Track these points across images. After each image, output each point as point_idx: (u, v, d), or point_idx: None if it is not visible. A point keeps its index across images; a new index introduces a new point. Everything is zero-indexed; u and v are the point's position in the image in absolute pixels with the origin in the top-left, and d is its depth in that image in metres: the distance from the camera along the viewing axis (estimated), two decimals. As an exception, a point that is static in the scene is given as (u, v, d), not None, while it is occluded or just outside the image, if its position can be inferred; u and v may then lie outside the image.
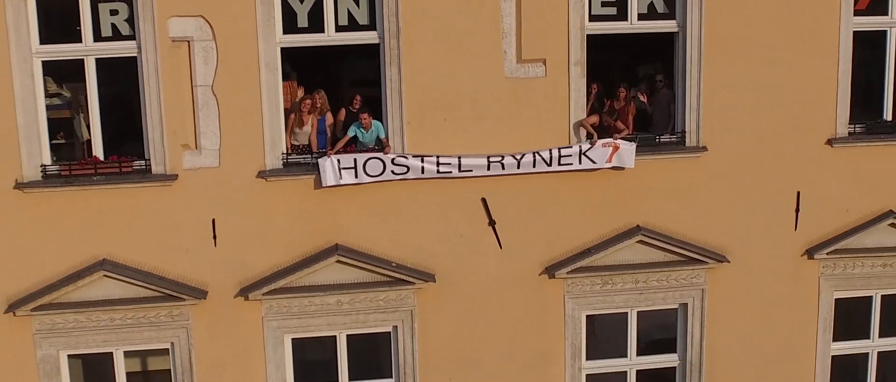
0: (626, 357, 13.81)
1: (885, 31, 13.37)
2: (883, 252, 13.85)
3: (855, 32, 13.14)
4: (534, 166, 12.52)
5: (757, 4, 12.71)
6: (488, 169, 12.49)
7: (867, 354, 14.50)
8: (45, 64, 12.06)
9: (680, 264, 13.31)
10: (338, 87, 14.44)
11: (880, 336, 14.39)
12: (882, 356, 14.55)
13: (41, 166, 12.15)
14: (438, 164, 12.39)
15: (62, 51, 12.04)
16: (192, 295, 12.44)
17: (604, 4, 12.68)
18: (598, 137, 12.55)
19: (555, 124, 12.63)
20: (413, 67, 12.17)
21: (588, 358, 13.63)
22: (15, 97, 11.83)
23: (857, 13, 13.16)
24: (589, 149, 12.59)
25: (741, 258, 13.41)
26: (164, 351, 12.76)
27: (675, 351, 13.88)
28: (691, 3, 12.58)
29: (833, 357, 14.27)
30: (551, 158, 12.57)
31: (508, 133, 12.55)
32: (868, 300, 14.23)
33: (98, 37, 12.03)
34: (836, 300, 14.02)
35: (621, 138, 12.73)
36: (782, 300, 13.74)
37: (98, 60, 12.09)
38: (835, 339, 14.19)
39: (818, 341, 14.08)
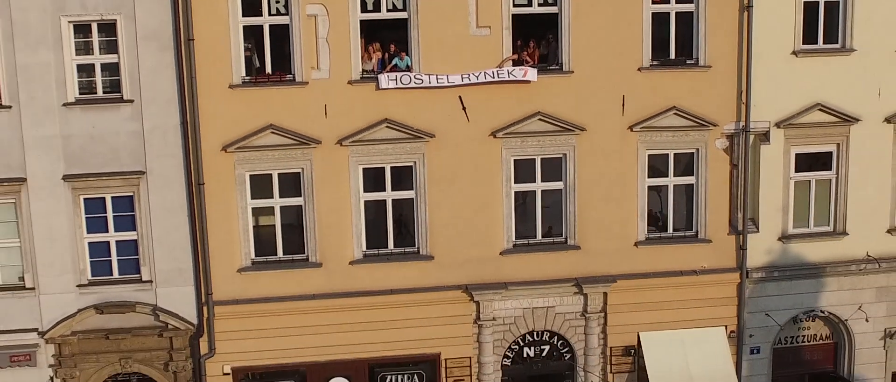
0: (535, 182, 26.38)
1: (668, 12, 25.96)
2: (673, 129, 26.33)
3: (653, 13, 25.78)
4: (485, 78, 25.07)
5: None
6: (461, 80, 25.07)
7: (667, 186, 27.01)
8: (244, 27, 24.75)
9: (560, 132, 25.73)
10: (387, 39, 26.51)
11: (675, 175, 26.87)
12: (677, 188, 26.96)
13: (241, 77, 24.84)
14: (437, 78, 25.03)
15: (251, 21, 24.59)
16: (313, 142, 25.09)
17: (520, -2, 25.24)
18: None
19: (495, 59, 25.04)
20: (423, 30, 24.50)
21: (515, 182, 26.27)
22: (231, 44, 24.51)
23: (654, 3, 25.73)
24: (512, 70, 25.17)
25: (593, 130, 25.81)
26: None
27: (561, 179, 26.33)
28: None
29: (648, 187, 26.83)
30: (495, 74, 25.05)
31: (471, 64, 24.98)
32: (666, 155, 26.58)
33: (269, 13, 24.72)
34: (648, 154, 26.48)
35: (529, 66, 25.33)
36: (617, 153, 26.15)
37: (270, 26, 24.78)
38: (648, 177, 26.75)
39: (638, 177, 26.45)
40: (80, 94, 24.51)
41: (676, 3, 25.52)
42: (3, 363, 25.12)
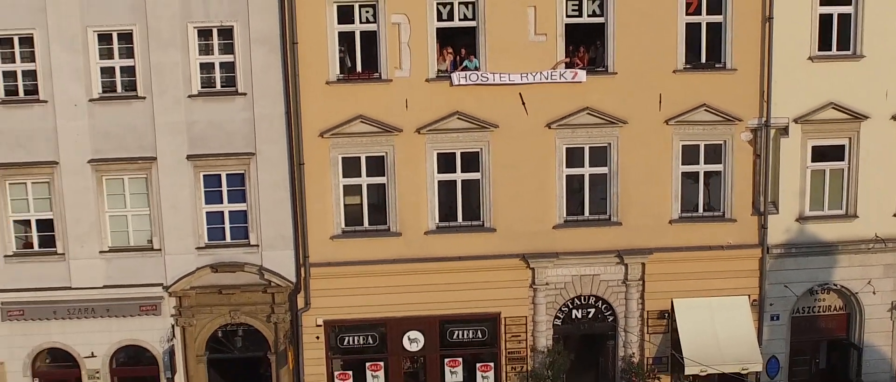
0: (584, 166, 30.69)
1: (700, 22, 30.21)
2: (703, 123, 30.44)
3: (686, 23, 30.04)
4: (541, 78, 29.45)
5: (638, 8, 29.56)
6: (521, 79, 29.48)
7: (698, 172, 30.94)
8: (339, 33, 29.37)
9: (606, 125, 29.87)
10: (459, 43, 30.37)
11: (705, 163, 30.62)
12: (706, 174, 30.85)
13: (336, 75, 29.54)
14: (501, 77, 29.52)
15: (345, 28, 29.19)
16: (395, 131, 29.62)
17: (572, 9, 29.60)
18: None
19: (550, 62, 29.27)
20: (490, 36, 28.72)
21: (567, 167, 30.62)
22: (328, 47, 29.12)
23: (688, 14, 29.99)
24: (564, 71, 29.60)
25: (634, 123, 29.94)
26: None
27: (606, 165, 30.39)
28: (609, 8, 29.38)
29: (682, 173, 30.77)
30: (550, 75, 29.49)
31: (530, 65, 29.19)
32: (697, 146, 30.25)
33: (360, 21, 29.36)
34: (681, 144, 30.46)
35: (579, 68, 29.69)
36: (654, 143, 30.14)
37: (361, 32, 29.39)
38: (682, 164, 30.80)
39: (673, 164, 30.45)
40: (202, 88, 29.12)
41: (707, 14, 29.43)
42: (134, 311, 29.84)
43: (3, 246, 29.67)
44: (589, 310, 31.06)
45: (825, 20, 29.56)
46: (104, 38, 28.81)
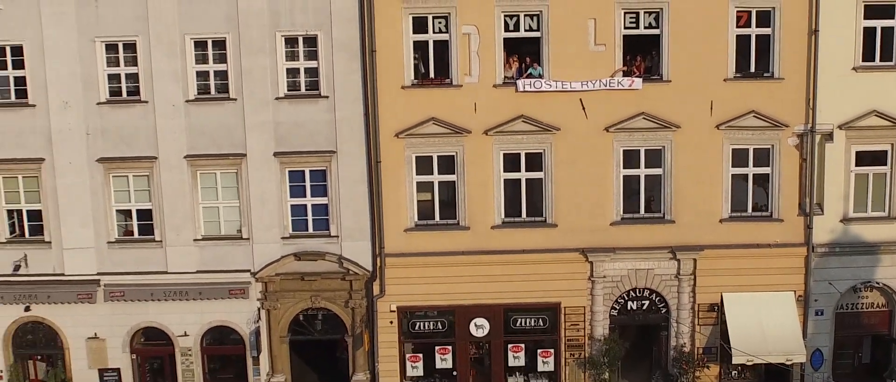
0: (639, 168, 32.72)
1: (749, 35, 32.28)
2: (752, 128, 32.16)
3: (736, 35, 32.15)
4: (600, 85, 31.67)
5: (691, 21, 31.74)
6: (581, 86, 31.61)
7: (747, 175, 32.84)
8: (414, 42, 31.81)
9: (660, 129, 31.81)
10: (524, 52, 32.64)
11: (754, 166, 32.45)
12: (755, 176, 32.73)
13: (411, 80, 32.05)
14: (562, 84, 31.85)
15: (420, 37, 31.39)
16: (465, 132, 32.03)
17: (630, 22, 31.79)
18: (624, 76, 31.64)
19: (609, 70, 31.47)
20: (553, 46, 30.91)
21: (623, 168, 32.79)
22: (404, 55, 31.81)
23: (738, 27, 32.07)
24: (622, 79, 31.81)
25: (687, 127, 31.85)
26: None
27: (660, 166, 32.46)
28: (664, 21, 31.48)
29: (731, 175, 32.93)
30: (608, 82, 31.68)
31: (590, 73, 31.38)
32: (746, 150, 32.04)
33: (433, 32, 31.75)
34: (731, 148, 32.25)
35: (636, 77, 31.93)
36: (706, 147, 31.89)
37: (434, 41, 31.83)
38: (732, 166, 32.61)
39: (723, 166, 32.19)
40: (288, 91, 31.75)
41: (756, 27, 31.39)
42: (224, 295, 32.57)
43: (107, 233, 32.48)
44: (643, 302, 33.05)
45: (869, 32, 31.38)
46: (200, 44, 31.54)
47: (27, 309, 32.89)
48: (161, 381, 34.17)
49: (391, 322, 32.53)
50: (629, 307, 33.09)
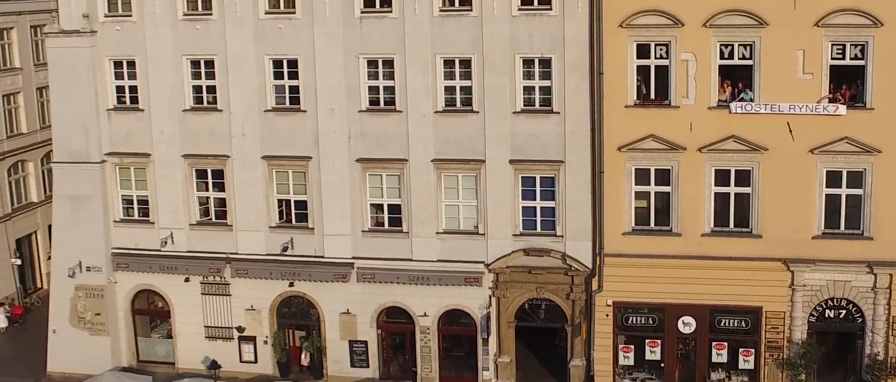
0: (841, 187, 35.29)
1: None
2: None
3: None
4: (807, 110, 34.01)
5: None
6: (789, 110, 33.68)
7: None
8: (637, 66, 35.72)
9: (861, 153, 33.70)
10: (737, 77, 36.08)
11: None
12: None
13: (633, 100, 35.60)
14: (772, 107, 34.83)
15: (642, 62, 34.98)
16: (680, 149, 35.00)
17: (836, 53, 34.46)
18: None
19: (815, 96, 33.79)
20: (764, 73, 33.87)
21: (826, 187, 35.67)
22: (628, 77, 35.34)
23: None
24: (828, 105, 34.54)
25: (889, 152, 33.66)
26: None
27: (861, 187, 34.35)
28: (869, 53, 33.51)
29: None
30: (814, 108, 34.09)
31: (797, 98, 33.99)
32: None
33: (654, 57, 35.46)
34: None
35: (840, 103, 34.65)
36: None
37: (655, 66, 35.04)
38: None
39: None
40: (524, 106, 35.85)
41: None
42: (460, 282, 37.02)
43: (362, 223, 37.46)
44: (840, 311, 35.36)
45: None
46: (448, 63, 35.98)
47: (291, 285, 38.22)
48: (401, 355, 38.88)
49: (607, 315, 36.19)
50: (826, 315, 35.40)
